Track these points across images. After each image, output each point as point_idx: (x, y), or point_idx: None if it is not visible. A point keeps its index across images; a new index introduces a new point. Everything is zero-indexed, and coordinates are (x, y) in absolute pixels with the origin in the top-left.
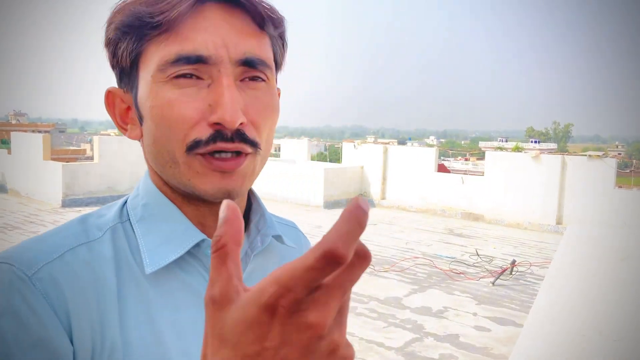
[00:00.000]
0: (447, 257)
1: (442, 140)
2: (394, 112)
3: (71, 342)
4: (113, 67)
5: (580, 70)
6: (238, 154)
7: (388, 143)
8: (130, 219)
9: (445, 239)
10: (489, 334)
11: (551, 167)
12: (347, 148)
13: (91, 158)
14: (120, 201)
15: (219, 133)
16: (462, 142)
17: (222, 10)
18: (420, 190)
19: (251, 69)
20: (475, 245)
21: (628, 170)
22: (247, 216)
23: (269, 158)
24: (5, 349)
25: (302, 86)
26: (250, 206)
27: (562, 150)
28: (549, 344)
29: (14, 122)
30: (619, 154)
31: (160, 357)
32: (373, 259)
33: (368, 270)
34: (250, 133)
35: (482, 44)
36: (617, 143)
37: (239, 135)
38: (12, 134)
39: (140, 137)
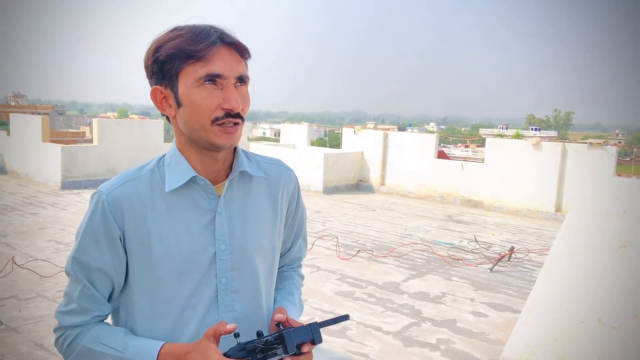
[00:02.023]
0: (445, 243)
1: (443, 127)
2: (395, 98)
3: (122, 231)
4: (154, 73)
5: (582, 59)
6: (236, 124)
7: (388, 129)
8: (164, 164)
9: (444, 225)
10: (486, 320)
11: (551, 154)
12: (347, 133)
13: (90, 140)
14: (159, 155)
15: (229, 114)
16: (462, 129)
17: (227, 50)
18: (420, 177)
19: (241, 80)
20: (473, 231)
21: (628, 159)
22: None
23: (269, 143)
24: (82, 227)
25: (302, 72)
26: (234, 156)
27: (562, 138)
28: (546, 330)
29: (13, 103)
30: (619, 142)
31: (174, 237)
32: (372, 244)
33: (366, 255)
34: (242, 113)
35: (484, 31)
36: (617, 131)
37: (238, 115)
38: (11, 115)
39: (174, 115)
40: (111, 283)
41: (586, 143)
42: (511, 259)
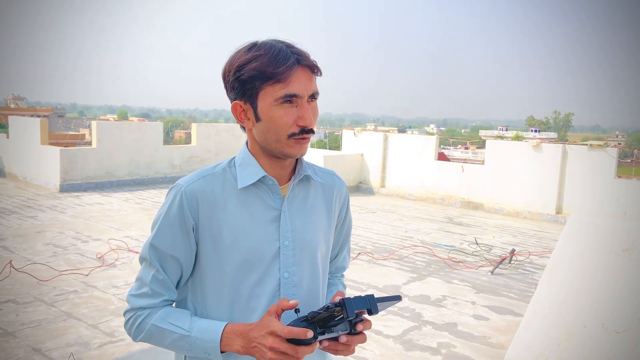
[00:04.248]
0: (446, 245)
1: (442, 128)
2: (395, 100)
3: (196, 222)
4: (234, 89)
5: (581, 60)
6: (308, 137)
7: (388, 131)
8: (235, 164)
9: (444, 227)
10: (487, 323)
11: (552, 156)
12: (347, 135)
13: (90, 143)
14: (230, 157)
15: (303, 130)
16: (462, 131)
17: (303, 70)
18: (420, 179)
19: (312, 98)
20: (474, 234)
21: (629, 160)
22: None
23: None
24: (160, 217)
25: None
26: (297, 162)
27: (562, 139)
28: (549, 335)
29: (12, 106)
30: (619, 143)
31: (243, 228)
32: (373, 247)
33: (366, 258)
34: (313, 128)
35: (483, 33)
36: (617, 133)
37: (310, 130)
38: (10, 117)
39: (251, 127)
40: (180, 270)
41: (586, 145)
42: (512, 262)
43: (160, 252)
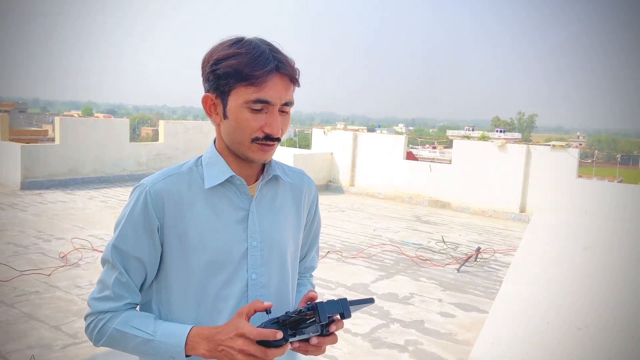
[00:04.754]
0: (414, 244)
1: (411, 128)
2: (364, 99)
3: (160, 222)
4: (209, 81)
5: (545, 62)
6: (273, 145)
7: (358, 130)
8: (202, 163)
9: (412, 225)
10: (453, 320)
11: (516, 156)
12: (316, 134)
13: (53, 139)
14: (197, 156)
15: (268, 137)
16: (430, 131)
17: (280, 78)
18: (389, 178)
19: (285, 106)
20: (441, 232)
21: (589, 161)
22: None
23: None
24: (124, 217)
25: None
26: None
27: (526, 139)
28: (514, 331)
29: None
30: (580, 144)
31: (210, 229)
32: (342, 245)
33: (335, 256)
34: (280, 136)
35: (449, 35)
36: (578, 134)
37: (276, 138)
38: None
39: (218, 123)
40: (144, 272)
41: (549, 145)
42: (478, 259)
43: (124, 254)
